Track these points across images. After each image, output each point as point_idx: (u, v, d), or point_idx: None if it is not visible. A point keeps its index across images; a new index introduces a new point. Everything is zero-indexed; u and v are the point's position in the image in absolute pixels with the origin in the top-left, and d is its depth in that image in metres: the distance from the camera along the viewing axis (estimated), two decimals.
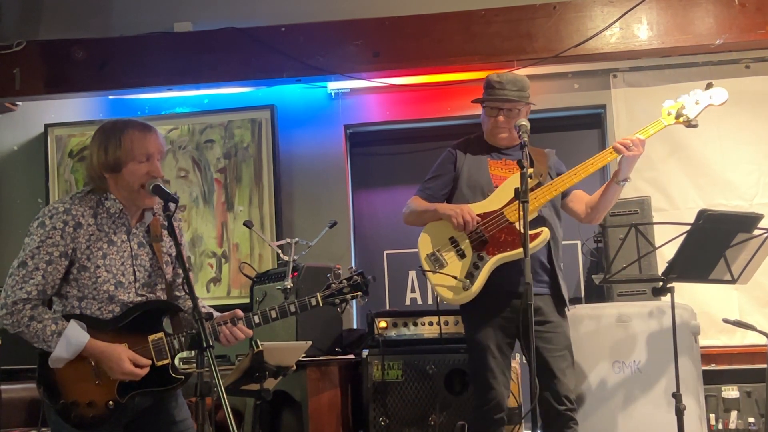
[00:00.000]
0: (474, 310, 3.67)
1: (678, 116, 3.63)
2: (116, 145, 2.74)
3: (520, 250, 3.53)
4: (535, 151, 3.67)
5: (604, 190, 3.69)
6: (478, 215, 3.62)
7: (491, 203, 3.66)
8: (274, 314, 2.89)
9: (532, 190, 3.52)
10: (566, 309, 3.73)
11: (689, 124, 3.63)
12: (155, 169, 2.77)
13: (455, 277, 3.60)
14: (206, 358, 2.53)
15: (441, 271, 3.64)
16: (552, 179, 3.66)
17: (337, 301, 2.98)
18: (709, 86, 3.67)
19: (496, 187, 3.69)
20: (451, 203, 3.79)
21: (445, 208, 3.69)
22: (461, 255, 3.64)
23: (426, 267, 3.68)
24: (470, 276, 3.60)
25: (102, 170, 2.76)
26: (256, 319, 2.88)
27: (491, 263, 3.59)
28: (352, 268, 3.07)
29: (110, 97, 5.61)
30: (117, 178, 2.76)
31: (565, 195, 3.77)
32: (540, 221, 3.62)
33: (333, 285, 2.99)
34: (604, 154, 3.63)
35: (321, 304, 2.96)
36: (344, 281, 3.00)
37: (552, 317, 3.63)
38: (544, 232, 3.55)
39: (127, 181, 2.76)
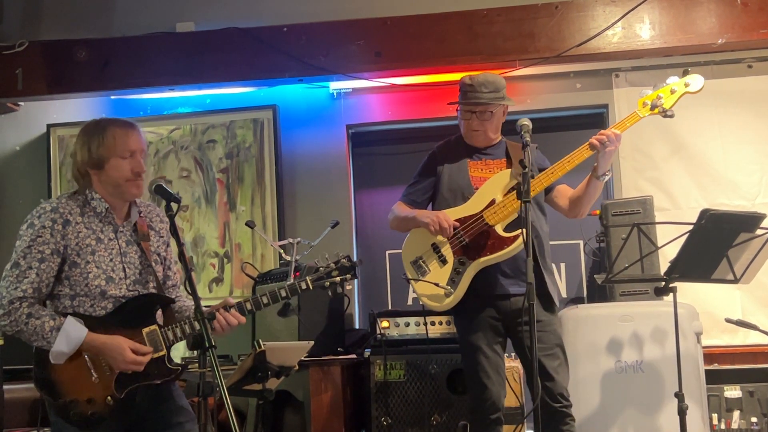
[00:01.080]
0: (462, 312, 3.69)
1: (653, 107, 3.63)
2: (99, 142, 2.80)
3: (501, 252, 3.56)
4: (515, 146, 3.66)
5: (585, 185, 3.67)
6: (458, 220, 3.62)
7: (470, 207, 3.64)
8: (265, 300, 2.92)
9: (511, 191, 3.53)
10: (555, 306, 3.70)
11: (665, 114, 3.63)
12: (138, 165, 2.83)
13: (437, 285, 3.61)
14: (209, 358, 2.54)
15: (424, 278, 3.65)
16: (534, 175, 3.64)
17: (327, 284, 3.02)
18: (685, 73, 3.67)
19: (476, 189, 3.68)
20: (434, 207, 3.79)
21: (423, 215, 3.68)
22: (443, 261, 3.65)
23: (409, 274, 3.70)
24: (452, 282, 3.61)
25: (86, 167, 2.82)
26: (249, 306, 2.90)
27: (472, 267, 3.59)
28: (339, 252, 3.09)
29: (112, 97, 5.61)
30: (100, 174, 2.82)
31: (549, 190, 3.76)
32: (521, 221, 3.59)
33: (321, 268, 3.04)
34: (580, 151, 3.59)
35: (311, 287, 2.99)
36: (332, 264, 3.05)
37: (540, 316, 3.59)
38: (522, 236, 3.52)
39: (111, 176, 2.81)
